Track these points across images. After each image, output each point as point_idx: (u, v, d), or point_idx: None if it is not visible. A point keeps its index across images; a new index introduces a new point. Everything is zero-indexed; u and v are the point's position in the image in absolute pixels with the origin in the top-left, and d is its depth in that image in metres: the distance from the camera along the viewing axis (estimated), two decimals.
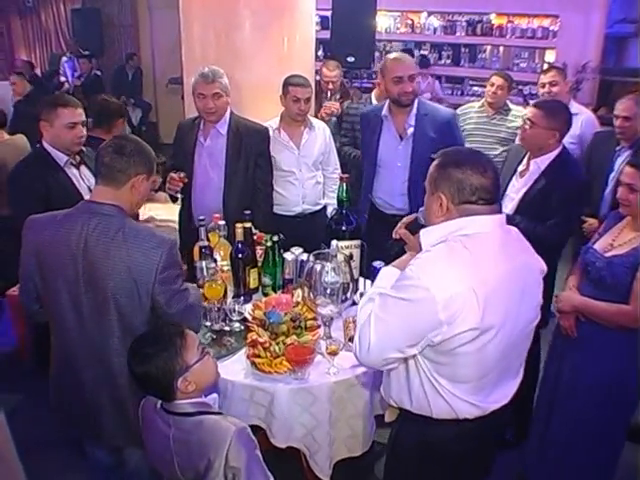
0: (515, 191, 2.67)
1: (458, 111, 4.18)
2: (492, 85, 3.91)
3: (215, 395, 1.70)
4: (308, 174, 3.30)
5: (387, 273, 1.67)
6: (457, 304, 1.40)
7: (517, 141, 3.06)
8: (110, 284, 1.74)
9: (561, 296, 2.39)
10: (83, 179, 2.63)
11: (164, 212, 3.99)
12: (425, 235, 1.57)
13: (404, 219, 1.88)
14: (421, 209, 1.72)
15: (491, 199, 1.52)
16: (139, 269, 1.73)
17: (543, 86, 3.70)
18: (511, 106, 3.96)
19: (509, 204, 2.66)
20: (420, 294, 1.42)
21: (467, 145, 3.99)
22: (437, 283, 1.41)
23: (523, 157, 2.69)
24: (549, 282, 2.69)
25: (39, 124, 2.56)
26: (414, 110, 2.95)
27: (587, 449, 2.37)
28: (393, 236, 1.94)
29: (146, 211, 3.83)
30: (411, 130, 2.95)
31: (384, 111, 3.02)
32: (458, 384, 1.52)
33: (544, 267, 1.67)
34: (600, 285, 2.21)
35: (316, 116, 3.71)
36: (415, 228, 1.76)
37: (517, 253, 1.57)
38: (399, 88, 2.86)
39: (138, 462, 2.03)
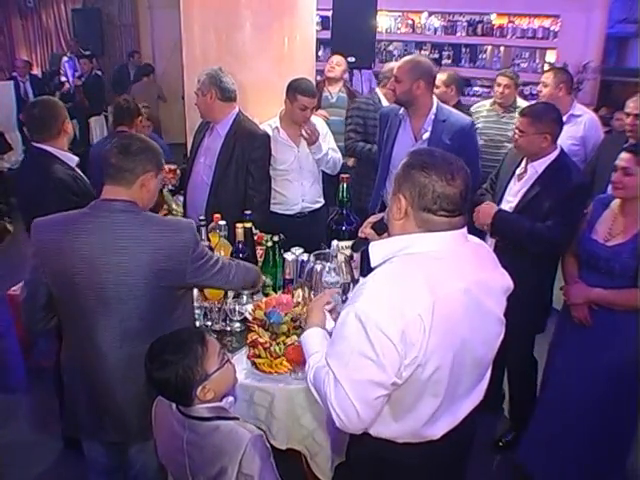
0: (513, 194, 2.67)
1: (471, 109, 4.19)
2: (499, 85, 3.94)
3: (231, 398, 1.67)
4: (307, 172, 3.30)
5: (314, 335, 1.58)
6: (407, 335, 1.31)
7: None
8: (130, 280, 1.70)
9: (571, 289, 2.43)
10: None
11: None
12: (373, 250, 1.47)
13: (370, 218, 1.83)
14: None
15: (454, 211, 1.40)
16: (170, 255, 1.71)
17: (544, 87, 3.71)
18: (519, 103, 3.97)
19: (506, 207, 2.66)
20: (374, 334, 1.31)
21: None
22: (385, 318, 1.32)
23: (521, 160, 2.68)
24: (547, 286, 2.69)
25: (62, 125, 2.55)
26: (431, 115, 2.96)
27: (606, 433, 2.40)
28: (359, 235, 1.91)
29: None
30: (427, 135, 2.96)
31: (402, 110, 3.04)
32: (400, 410, 1.44)
33: (510, 285, 1.56)
34: (610, 274, 2.29)
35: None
36: (381, 228, 1.70)
37: (475, 271, 1.46)
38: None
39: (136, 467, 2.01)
